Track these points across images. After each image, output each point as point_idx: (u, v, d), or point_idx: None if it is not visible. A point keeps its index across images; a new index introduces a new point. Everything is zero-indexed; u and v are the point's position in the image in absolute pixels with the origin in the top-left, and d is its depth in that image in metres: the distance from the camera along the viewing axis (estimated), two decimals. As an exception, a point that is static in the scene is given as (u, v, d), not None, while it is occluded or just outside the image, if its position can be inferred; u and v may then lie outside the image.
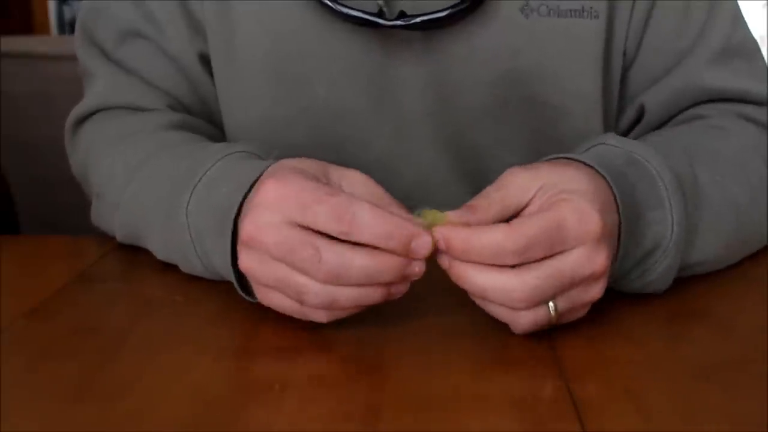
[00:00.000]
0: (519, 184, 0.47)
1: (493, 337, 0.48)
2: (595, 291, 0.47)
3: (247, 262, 0.47)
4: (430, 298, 0.53)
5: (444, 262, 0.46)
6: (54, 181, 1.40)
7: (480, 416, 0.39)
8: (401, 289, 0.46)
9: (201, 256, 0.54)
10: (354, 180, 0.49)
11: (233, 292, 0.51)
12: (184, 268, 0.57)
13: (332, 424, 0.38)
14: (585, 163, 0.50)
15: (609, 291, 0.54)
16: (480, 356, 0.46)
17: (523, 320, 0.46)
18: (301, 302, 0.46)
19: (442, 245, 0.45)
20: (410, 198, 0.48)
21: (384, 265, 0.45)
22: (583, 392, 0.41)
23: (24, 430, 0.38)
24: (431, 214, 0.46)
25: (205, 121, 0.72)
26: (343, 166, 0.50)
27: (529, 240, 0.44)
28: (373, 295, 0.46)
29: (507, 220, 0.46)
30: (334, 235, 0.44)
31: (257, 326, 0.49)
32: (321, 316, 0.47)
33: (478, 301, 0.47)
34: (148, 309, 0.53)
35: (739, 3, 0.72)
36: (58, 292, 0.56)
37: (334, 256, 0.44)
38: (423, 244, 0.44)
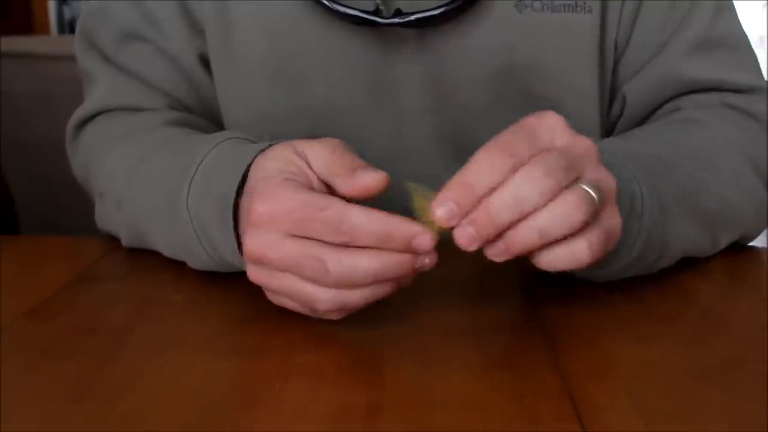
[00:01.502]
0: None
1: (493, 336, 0.48)
2: (604, 172, 0.45)
3: (255, 275, 0.48)
4: (429, 298, 0.53)
5: (466, 233, 0.43)
6: (54, 181, 1.40)
7: (480, 416, 0.39)
8: (408, 280, 0.46)
9: (206, 247, 0.54)
10: (316, 156, 0.48)
11: (233, 292, 0.51)
12: (191, 262, 0.57)
13: (332, 424, 0.38)
14: None
15: (609, 291, 0.54)
16: (480, 356, 0.46)
17: (570, 208, 0.42)
18: (313, 310, 0.47)
19: (452, 209, 0.43)
20: (410, 196, 0.48)
21: (391, 263, 0.44)
22: (583, 392, 0.41)
23: (24, 430, 0.38)
24: (419, 196, 0.45)
25: (205, 120, 0.72)
26: (310, 140, 0.49)
27: (506, 138, 0.43)
28: (383, 290, 0.46)
29: None
30: (335, 243, 0.44)
31: (257, 326, 0.49)
32: (333, 316, 0.47)
33: (529, 237, 0.43)
34: (148, 309, 0.53)
35: (740, 3, 0.72)
36: (58, 292, 0.56)
37: (339, 263, 0.44)
38: (424, 241, 0.44)
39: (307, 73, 0.67)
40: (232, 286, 0.52)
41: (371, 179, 0.46)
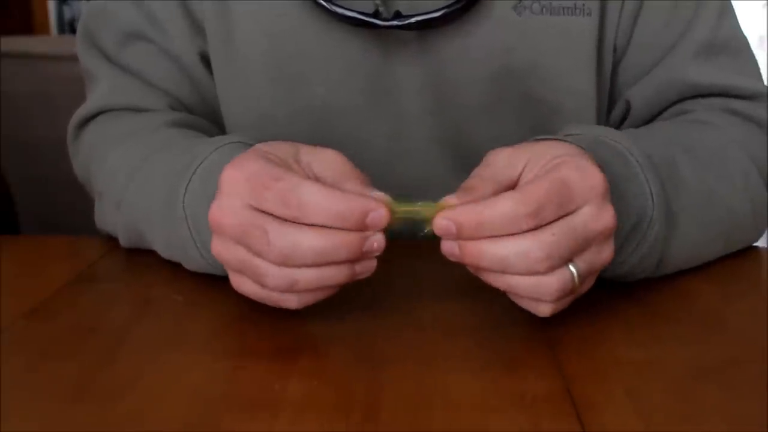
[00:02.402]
0: (505, 159, 0.48)
1: (493, 336, 0.48)
2: (607, 252, 0.47)
3: (215, 246, 0.48)
4: (429, 298, 0.53)
5: (452, 248, 0.45)
6: (54, 181, 1.40)
7: (480, 416, 0.39)
8: (368, 267, 0.46)
9: (200, 249, 0.54)
10: (324, 159, 0.48)
11: (233, 292, 0.51)
12: (186, 264, 0.57)
13: (332, 424, 0.38)
14: (559, 140, 0.51)
15: (609, 291, 0.54)
16: (480, 356, 0.46)
17: (547, 288, 0.44)
18: (262, 285, 0.46)
19: (451, 228, 0.44)
20: (409, 197, 0.48)
21: (336, 243, 0.44)
22: (583, 392, 0.41)
23: (24, 430, 0.38)
24: (427, 207, 0.45)
25: (206, 120, 0.72)
26: (317, 146, 0.50)
27: (540, 199, 0.43)
28: (336, 275, 0.45)
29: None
30: (285, 218, 0.44)
31: (257, 326, 0.49)
32: (291, 302, 0.47)
33: (497, 281, 0.45)
34: (148, 309, 0.53)
35: (740, 3, 0.72)
36: (58, 292, 0.56)
37: (281, 237, 0.44)
38: (378, 217, 0.44)
39: (306, 74, 0.67)
40: (231, 286, 0.52)
41: (384, 197, 0.46)
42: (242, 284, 0.48)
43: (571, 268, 0.45)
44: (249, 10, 0.67)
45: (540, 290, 0.45)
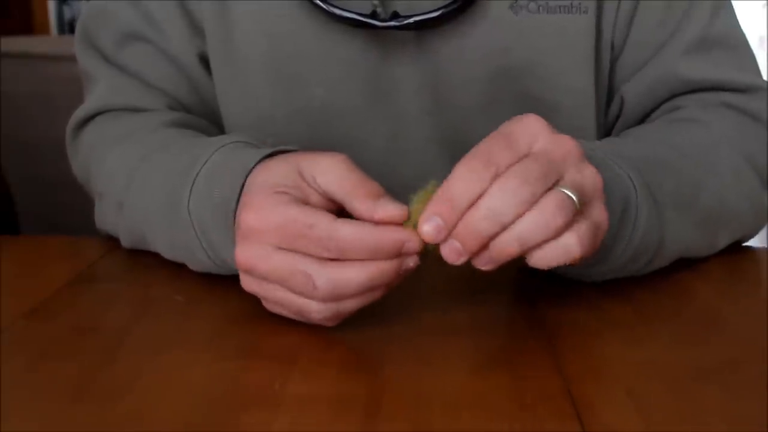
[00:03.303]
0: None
1: (493, 337, 0.48)
2: (589, 170, 0.45)
3: (248, 284, 0.48)
4: (429, 298, 0.53)
5: (452, 246, 0.44)
6: (54, 181, 1.40)
7: (480, 416, 0.39)
8: (401, 280, 0.47)
9: (207, 250, 0.54)
10: (326, 169, 0.47)
11: (233, 292, 0.51)
12: (192, 264, 0.57)
13: (332, 424, 0.38)
14: None
15: (609, 292, 0.54)
16: (480, 356, 0.46)
17: (549, 215, 0.42)
18: (307, 320, 0.47)
19: (437, 222, 0.43)
20: (408, 197, 0.48)
21: (378, 273, 0.45)
22: (583, 392, 0.41)
23: (24, 430, 0.38)
24: (420, 199, 0.45)
25: (205, 120, 0.72)
26: (314, 153, 0.49)
27: (485, 148, 0.44)
28: (374, 296, 0.46)
29: None
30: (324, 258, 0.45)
31: (257, 326, 0.49)
32: (329, 323, 0.47)
33: (509, 245, 0.43)
34: (148, 309, 0.53)
35: (740, 3, 0.72)
36: (58, 292, 0.56)
37: (327, 280, 0.44)
38: (412, 245, 0.45)
39: (305, 75, 0.68)
40: (232, 286, 0.52)
41: (395, 211, 0.45)
42: (279, 311, 0.49)
43: (560, 188, 0.43)
44: (248, 10, 0.67)
45: (544, 221, 0.42)
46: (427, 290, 0.55)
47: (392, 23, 0.63)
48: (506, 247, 0.43)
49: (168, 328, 0.50)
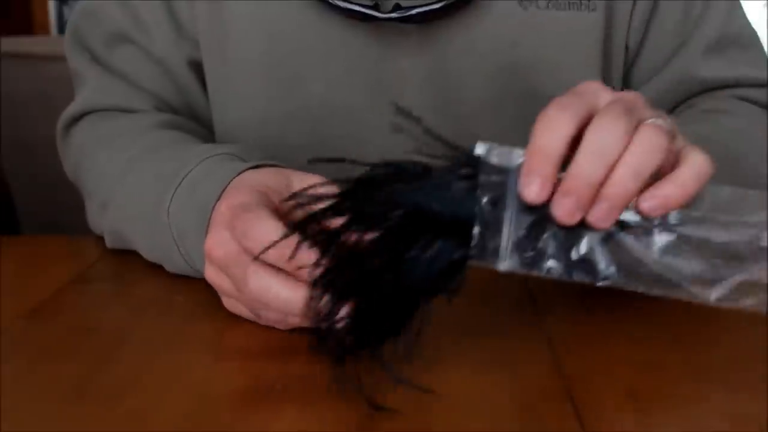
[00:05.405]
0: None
1: (493, 337, 0.48)
2: (663, 113, 0.43)
3: (207, 272, 0.50)
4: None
5: (568, 205, 0.39)
6: (54, 181, 1.40)
7: (480, 416, 0.39)
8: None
9: (184, 256, 0.55)
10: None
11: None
12: (169, 267, 0.57)
13: (332, 425, 0.38)
14: None
15: (608, 291, 0.54)
16: (480, 356, 0.46)
17: (657, 138, 0.40)
18: (258, 317, 0.48)
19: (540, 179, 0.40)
20: None
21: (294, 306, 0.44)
22: (582, 392, 0.41)
23: (24, 430, 0.38)
24: None
25: (194, 122, 0.72)
26: (306, 173, 0.49)
27: (559, 102, 0.42)
28: (295, 322, 0.46)
29: None
30: (246, 249, 0.45)
31: (257, 326, 0.49)
32: (279, 326, 0.48)
33: (629, 182, 0.39)
34: (148, 309, 0.53)
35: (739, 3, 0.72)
36: (58, 292, 0.56)
37: (255, 287, 0.45)
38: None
39: (304, 73, 0.67)
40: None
41: None
42: (235, 308, 0.50)
43: (648, 121, 0.41)
44: (245, 9, 0.67)
45: (651, 147, 0.39)
46: (427, 290, 0.55)
47: (394, 15, 0.63)
48: (624, 184, 0.39)
49: (168, 328, 0.50)
